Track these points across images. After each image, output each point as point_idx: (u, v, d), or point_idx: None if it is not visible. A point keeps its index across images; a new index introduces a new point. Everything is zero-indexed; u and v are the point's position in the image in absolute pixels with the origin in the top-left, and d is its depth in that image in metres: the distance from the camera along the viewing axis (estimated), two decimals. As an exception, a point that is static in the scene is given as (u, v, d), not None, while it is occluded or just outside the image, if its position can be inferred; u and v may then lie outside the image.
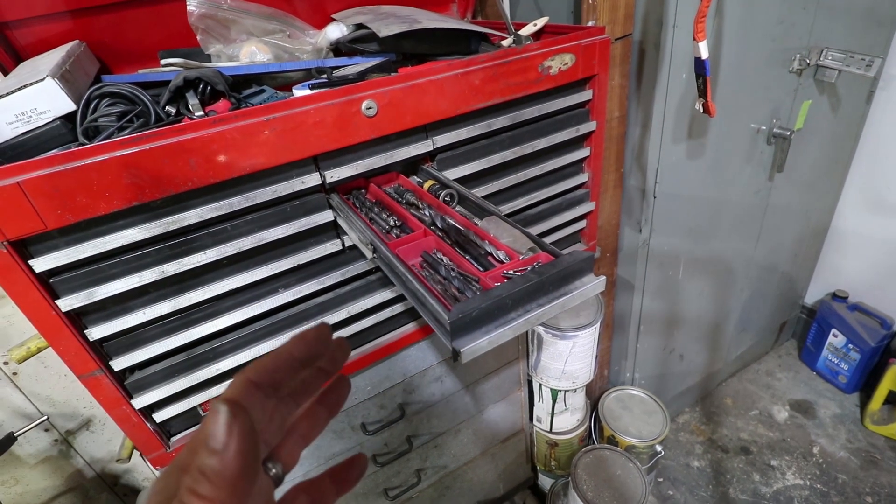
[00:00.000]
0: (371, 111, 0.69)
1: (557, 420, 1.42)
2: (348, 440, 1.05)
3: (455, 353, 0.46)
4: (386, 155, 0.76)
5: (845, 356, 1.93)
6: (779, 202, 1.60)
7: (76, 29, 0.87)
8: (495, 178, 0.91)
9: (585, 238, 1.13)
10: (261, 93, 0.81)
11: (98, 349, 0.68)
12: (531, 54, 0.80)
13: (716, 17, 1.07)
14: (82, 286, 0.63)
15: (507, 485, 1.53)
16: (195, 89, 0.72)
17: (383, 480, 1.18)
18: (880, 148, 1.69)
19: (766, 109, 1.34)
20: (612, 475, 1.35)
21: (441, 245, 0.65)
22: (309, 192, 0.73)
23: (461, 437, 1.28)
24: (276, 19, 0.97)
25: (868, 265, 1.88)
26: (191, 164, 0.60)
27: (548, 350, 1.25)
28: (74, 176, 0.55)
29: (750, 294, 1.82)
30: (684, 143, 1.23)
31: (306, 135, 0.66)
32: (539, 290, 0.51)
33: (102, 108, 0.67)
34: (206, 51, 0.91)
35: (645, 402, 1.56)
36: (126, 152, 0.56)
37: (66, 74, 0.69)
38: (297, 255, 0.76)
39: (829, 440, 1.85)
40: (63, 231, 0.59)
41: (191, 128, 0.59)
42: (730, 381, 2.13)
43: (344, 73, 0.82)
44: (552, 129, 0.92)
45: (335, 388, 0.36)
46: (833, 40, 1.32)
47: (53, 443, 1.34)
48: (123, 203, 0.58)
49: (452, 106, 0.77)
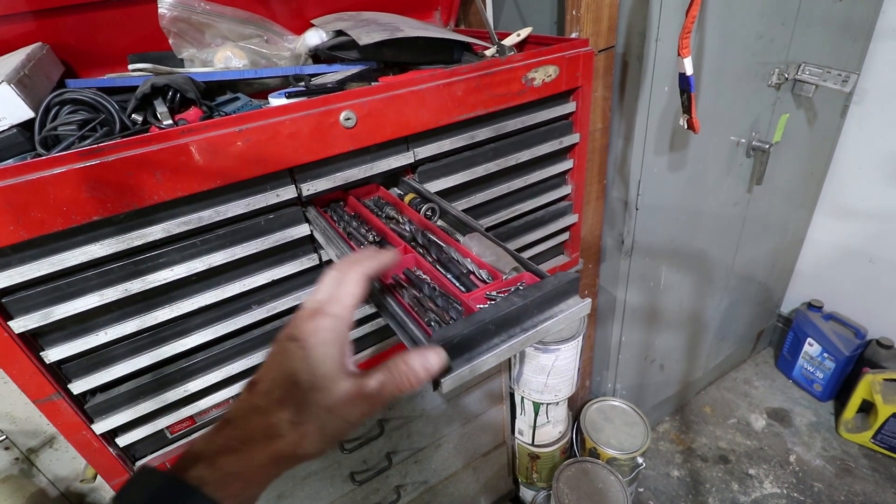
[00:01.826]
0: (350, 122, 0.67)
1: (539, 433, 1.41)
2: (323, 460, 1.02)
3: (435, 383, 0.44)
4: (365, 167, 0.74)
5: (820, 365, 1.96)
6: (757, 213, 1.62)
7: (39, 30, 0.83)
8: (478, 190, 0.89)
9: (568, 250, 1.12)
10: (235, 100, 0.78)
11: (56, 371, 0.64)
12: (515, 65, 0.79)
13: (697, 31, 1.08)
14: (38, 306, 0.59)
15: (488, 498, 1.51)
16: (164, 96, 0.69)
17: (362, 498, 1.15)
18: (854, 161, 1.73)
19: (746, 122, 1.36)
20: (594, 488, 1.34)
21: (421, 263, 0.62)
22: (284, 206, 0.70)
23: (442, 451, 1.25)
24: (253, 24, 0.94)
25: (843, 275, 1.92)
26: (157, 177, 0.57)
27: (530, 363, 1.23)
28: (29, 189, 0.51)
29: (728, 303, 1.84)
30: (666, 155, 1.23)
31: (281, 146, 0.63)
32: (523, 314, 0.49)
33: (63, 116, 0.63)
34: (178, 55, 0.88)
35: (626, 414, 1.56)
36: (87, 164, 0.53)
37: (25, 79, 0.65)
38: (271, 271, 0.73)
39: (805, 448, 1.88)
40: (16, 248, 0.55)
41: (158, 138, 0.56)
42: (708, 390, 2.14)
43: (322, 82, 0.79)
44: (535, 140, 0.91)
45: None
46: (810, 55, 1.34)
47: (14, 461, 1.27)
48: (83, 218, 0.55)
49: (434, 117, 0.75)
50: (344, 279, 0.41)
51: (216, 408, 0.80)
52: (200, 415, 0.79)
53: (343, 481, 1.08)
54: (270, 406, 0.36)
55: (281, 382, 0.36)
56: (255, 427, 0.35)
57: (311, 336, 0.38)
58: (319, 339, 0.38)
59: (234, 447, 0.34)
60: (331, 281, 0.42)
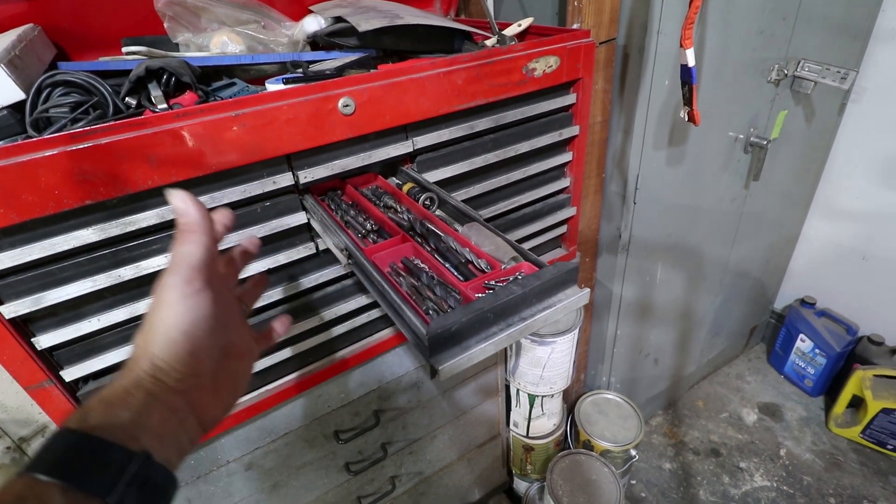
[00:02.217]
0: (348, 109, 0.66)
1: (534, 425, 1.41)
2: (320, 449, 1.02)
3: (433, 371, 0.43)
4: (364, 155, 0.73)
5: (812, 361, 1.98)
6: (753, 210, 1.63)
7: (31, 12, 0.81)
8: (477, 181, 0.89)
9: (566, 243, 1.12)
10: (231, 86, 0.76)
11: (47, 358, 0.63)
12: (516, 55, 0.78)
13: (699, 26, 1.07)
14: (29, 291, 0.58)
15: (482, 489, 1.52)
16: (158, 80, 0.67)
17: (357, 489, 1.15)
18: (849, 159, 1.73)
19: (745, 118, 1.36)
20: (588, 479, 1.35)
21: (419, 252, 0.62)
22: (281, 193, 0.69)
23: (437, 442, 1.25)
24: (251, 9, 0.93)
25: (836, 272, 1.93)
26: (151, 162, 0.56)
27: (526, 356, 1.23)
28: (20, 172, 0.50)
29: (723, 299, 1.84)
30: (665, 149, 1.23)
31: (279, 132, 0.62)
32: (522, 303, 0.49)
33: (55, 98, 0.62)
34: (173, 39, 0.86)
35: (620, 407, 1.56)
36: (78, 147, 0.52)
37: (16, 60, 0.64)
38: (267, 259, 0.72)
39: (796, 442, 1.90)
40: (6, 231, 0.54)
41: (152, 122, 0.55)
42: (701, 384, 2.16)
43: (321, 68, 0.78)
44: (535, 132, 0.90)
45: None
46: (810, 52, 1.34)
47: (6, 450, 1.26)
48: (75, 202, 0.54)
49: (434, 106, 0.74)
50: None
51: (210, 397, 0.79)
52: (194, 403, 0.78)
53: (338, 471, 1.08)
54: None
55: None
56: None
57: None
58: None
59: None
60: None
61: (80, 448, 0.31)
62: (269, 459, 0.96)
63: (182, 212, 0.38)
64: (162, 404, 0.36)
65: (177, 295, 0.37)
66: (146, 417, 0.34)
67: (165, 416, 0.36)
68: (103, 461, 0.31)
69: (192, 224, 0.38)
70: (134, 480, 0.31)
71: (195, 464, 0.87)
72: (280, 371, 0.84)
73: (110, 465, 0.31)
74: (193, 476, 0.88)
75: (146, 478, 0.32)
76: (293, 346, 0.82)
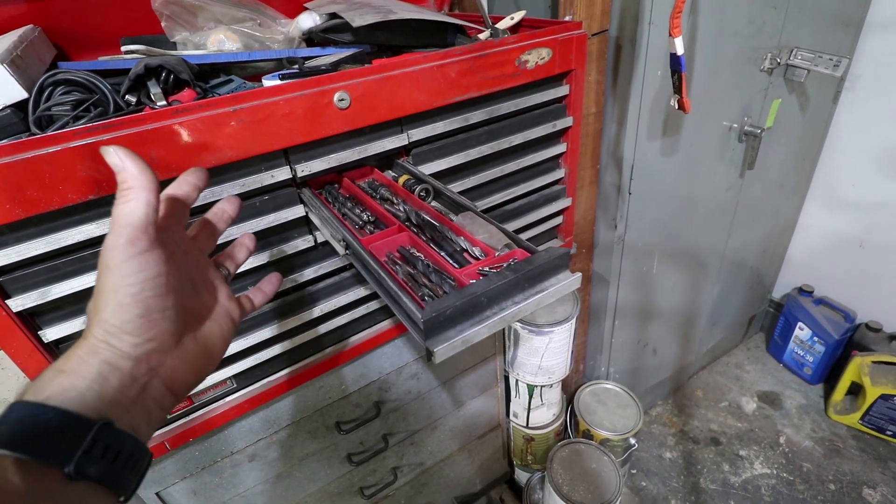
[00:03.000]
0: (343, 103, 0.67)
1: (534, 415, 1.43)
2: (322, 440, 1.03)
3: (429, 353, 0.45)
4: (359, 149, 0.74)
5: (810, 349, 1.99)
6: (749, 199, 1.64)
7: (31, 13, 0.83)
8: (472, 173, 0.90)
9: (562, 234, 1.14)
10: (228, 83, 0.78)
11: (54, 351, 0.65)
12: (508, 48, 0.79)
13: (690, 15, 1.08)
14: (35, 285, 0.59)
15: (483, 480, 1.54)
16: (157, 77, 0.69)
17: (359, 479, 1.17)
18: (845, 147, 1.74)
19: (738, 107, 1.37)
20: (588, 468, 1.36)
21: (415, 241, 0.63)
22: (279, 187, 0.71)
23: (438, 433, 1.27)
24: (247, 7, 0.94)
25: (833, 260, 1.95)
26: (152, 157, 0.57)
27: (524, 346, 1.25)
28: (25, 168, 0.52)
29: (721, 288, 1.86)
30: (659, 140, 1.24)
31: (276, 127, 0.64)
32: (514, 288, 0.50)
33: (57, 97, 0.63)
34: (171, 38, 0.87)
35: (619, 396, 1.58)
36: (81, 143, 0.53)
37: (18, 60, 0.65)
38: (267, 252, 0.74)
39: (795, 430, 1.91)
40: (13, 227, 0.55)
41: (152, 118, 0.56)
42: (701, 374, 2.17)
43: (316, 64, 0.79)
44: (529, 124, 0.92)
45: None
46: (802, 40, 1.35)
47: (12, 447, 1.28)
48: (79, 197, 0.55)
49: (428, 99, 0.75)
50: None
51: (213, 388, 0.81)
52: (198, 395, 0.80)
53: (340, 462, 1.10)
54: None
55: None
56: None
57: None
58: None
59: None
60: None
61: (34, 419, 0.30)
62: (273, 450, 0.98)
63: (118, 168, 0.35)
64: (119, 371, 0.34)
65: (121, 257, 0.34)
66: (103, 385, 0.33)
67: (125, 384, 0.35)
68: (58, 430, 0.30)
69: (130, 181, 0.35)
70: (93, 449, 0.30)
71: (199, 455, 0.89)
72: (281, 362, 0.86)
73: (65, 435, 0.30)
74: (198, 467, 0.90)
75: (108, 446, 0.31)
76: (294, 337, 0.83)
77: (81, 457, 0.30)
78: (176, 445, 0.81)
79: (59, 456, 0.29)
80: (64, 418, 0.30)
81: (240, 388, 0.84)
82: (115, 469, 0.32)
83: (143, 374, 0.36)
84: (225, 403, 0.83)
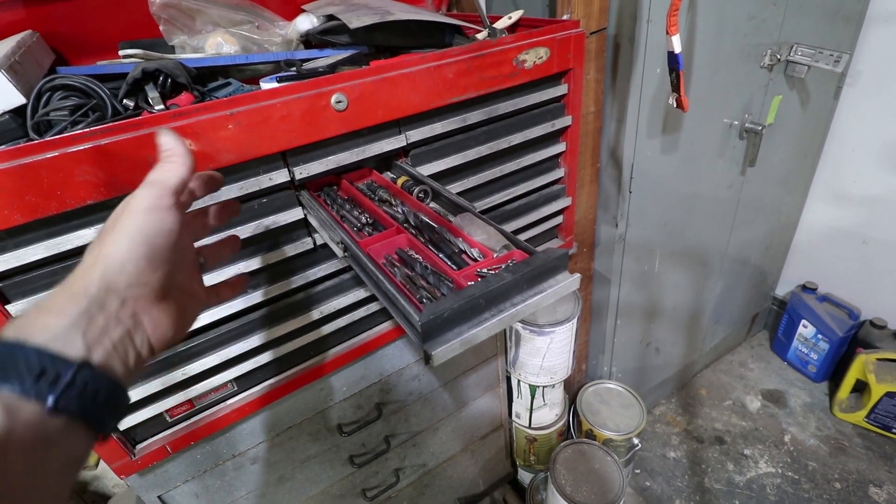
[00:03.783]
0: (341, 105, 0.67)
1: (536, 415, 1.43)
2: (324, 442, 1.03)
3: (427, 356, 0.45)
4: (357, 150, 0.74)
5: (815, 346, 1.98)
6: (751, 196, 1.63)
7: (29, 18, 0.83)
8: (471, 173, 0.90)
9: (562, 233, 1.13)
10: (226, 86, 0.78)
11: (54, 355, 0.65)
12: (505, 47, 0.79)
13: (688, 13, 1.08)
14: (35, 290, 0.60)
15: (486, 481, 1.53)
16: (155, 82, 0.69)
17: (361, 481, 1.17)
18: (846, 142, 1.73)
19: (739, 104, 1.36)
20: (591, 469, 1.36)
21: (414, 243, 0.63)
22: (277, 189, 0.71)
23: (440, 434, 1.27)
24: (244, 10, 0.94)
25: (836, 257, 1.94)
26: (150, 161, 0.57)
27: (525, 346, 1.25)
28: (23, 173, 0.52)
29: (723, 286, 1.85)
30: (659, 137, 1.23)
31: (273, 129, 0.64)
32: (513, 289, 0.50)
33: (55, 102, 0.63)
34: (169, 42, 0.88)
35: (622, 396, 1.57)
36: (79, 148, 0.53)
37: (16, 66, 0.65)
38: (266, 255, 0.74)
39: (800, 428, 1.90)
40: (11, 232, 0.55)
41: (149, 122, 0.56)
42: (704, 373, 2.16)
43: (314, 66, 0.79)
44: (528, 123, 0.91)
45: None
46: (802, 36, 1.34)
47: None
48: (77, 202, 0.55)
49: (426, 100, 0.75)
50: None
51: (214, 391, 0.81)
52: (199, 398, 0.80)
53: (342, 464, 1.10)
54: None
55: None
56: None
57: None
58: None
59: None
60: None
61: (14, 357, 0.30)
62: (274, 453, 0.98)
63: (169, 146, 0.41)
64: (105, 312, 0.35)
65: (146, 205, 0.37)
66: (88, 325, 0.34)
67: (110, 325, 0.35)
68: (40, 368, 0.30)
69: (174, 156, 0.40)
70: (72, 386, 0.31)
71: (201, 458, 0.89)
72: (282, 365, 0.86)
73: (46, 372, 0.30)
74: (200, 470, 0.90)
75: (86, 384, 0.32)
76: (294, 340, 0.83)
77: (62, 392, 0.31)
78: (178, 449, 0.81)
79: (39, 391, 0.30)
80: (45, 357, 0.31)
81: (241, 390, 0.84)
82: (95, 407, 0.33)
83: (128, 317, 0.37)
84: (226, 406, 0.84)
